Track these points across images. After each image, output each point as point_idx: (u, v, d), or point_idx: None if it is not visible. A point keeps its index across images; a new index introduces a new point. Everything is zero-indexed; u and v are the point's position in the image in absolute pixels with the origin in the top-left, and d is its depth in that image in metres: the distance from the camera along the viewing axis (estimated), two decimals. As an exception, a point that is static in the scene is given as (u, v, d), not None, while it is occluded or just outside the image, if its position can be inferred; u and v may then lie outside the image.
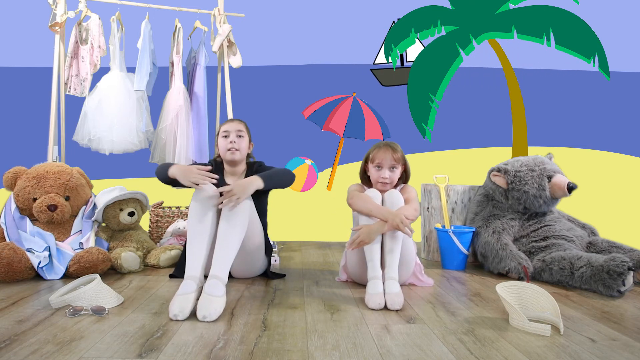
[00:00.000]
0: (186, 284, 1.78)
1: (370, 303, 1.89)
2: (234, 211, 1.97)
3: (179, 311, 1.68)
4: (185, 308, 1.69)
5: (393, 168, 2.26)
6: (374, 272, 1.99)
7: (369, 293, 1.94)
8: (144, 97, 3.43)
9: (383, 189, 2.26)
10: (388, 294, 1.91)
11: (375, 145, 2.33)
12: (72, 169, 2.74)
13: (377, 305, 1.88)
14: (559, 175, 2.73)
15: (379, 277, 1.98)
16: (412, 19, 5.67)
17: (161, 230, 3.23)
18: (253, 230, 2.18)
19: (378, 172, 2.26)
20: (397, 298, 1.90)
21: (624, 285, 2.14)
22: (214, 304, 1.70)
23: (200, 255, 1.88)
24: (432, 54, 5.58)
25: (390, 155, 2.24)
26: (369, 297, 1.92)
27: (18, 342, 1.43)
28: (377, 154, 2.26)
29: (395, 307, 1.88)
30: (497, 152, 5.96)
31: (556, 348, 1.47)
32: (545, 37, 5.21)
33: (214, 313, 1.68)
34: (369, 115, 3.81)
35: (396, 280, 1.98)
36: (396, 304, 1.88)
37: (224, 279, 1.82)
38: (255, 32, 5.72)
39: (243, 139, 2.40)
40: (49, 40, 3.44)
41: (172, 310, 1.69)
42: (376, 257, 2.02)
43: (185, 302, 1.71)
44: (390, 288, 1.93)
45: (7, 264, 2.19)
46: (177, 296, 1.73)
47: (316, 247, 3.59)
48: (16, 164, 2.68)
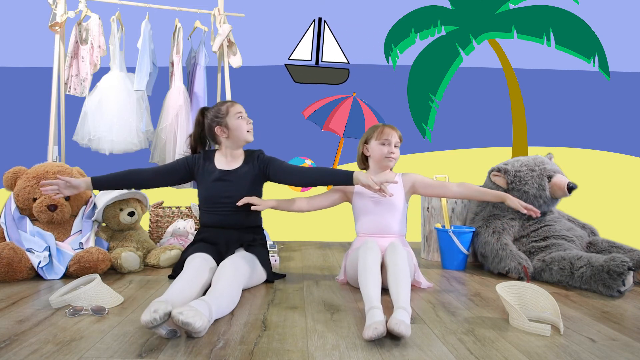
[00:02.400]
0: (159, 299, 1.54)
1: (370, 331, 1.48)
2: (237, 267, 1.93)
3: (154, 308, 1.43)
4: (160, 307, 1.44)
5: (396, 146, 2.34)
6: (370, 303, 1.65)
7: (365, 326, 1.54)
8: (144, 97, 3.43)
9: (388, 165, 2.34)
10: (396, 318, 1.52)
11: (375, 126, 2.39)
12: (72, 168, 2.74)
13: (373, 330, 1.47)
14: (559, 175, 2.73)
15: (378, 306, 1.62)
16: (412, 19, 5.67)
17: (161, 230, 3.23)
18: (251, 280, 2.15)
19: (386, 147, 2.31)
20: (404, 324, 1.50)
21: (624, 285, 2.14)
22: (194, 312, 1.45)
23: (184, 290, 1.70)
24: (432, 54, 5.58)
25: (396, 133, 2.33)
26: (365, 330, 1.51)
27: (18, 342, 1.43)
28: (383, 130, 2.33)
29: (400, 329, 1.47)
30: (497, 152, 5.96)
31: (556, 348, 1.47)
32: (545, 37, 5.22)
33: (191, 318, 1.42)
34: (369, 115, 3.81)
35: (408, 312, 1.60)
36: (402, 326, 1.48)
37: (212, 310, 1.57)
38: (255, 32, 5.72)
39: None
40: (49, 40, 3.44)
41: (147, 311, 1.43)
42: (371, 289, 1.72)
43: (161, 304, 1.45)
44: (397, 315, 1.55)
45: (7, 264, 2.19)
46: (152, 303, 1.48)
47: (316, 247, 3.58)
48: (16, 164, 2.68)
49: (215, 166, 2.35)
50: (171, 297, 1.62)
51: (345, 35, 5.94)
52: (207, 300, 1.59)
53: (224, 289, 1.76)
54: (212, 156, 2.39)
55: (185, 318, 1.42)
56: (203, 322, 1.46)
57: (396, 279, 1.78)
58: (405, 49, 5.66)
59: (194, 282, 1.81)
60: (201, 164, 2.36)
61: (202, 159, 2.38)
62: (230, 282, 1.81)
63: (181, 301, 1.64)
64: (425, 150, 5.95)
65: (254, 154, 2.40)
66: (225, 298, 1.72)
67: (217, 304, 1.63)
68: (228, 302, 1.74)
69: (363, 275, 1.80)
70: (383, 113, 3.96)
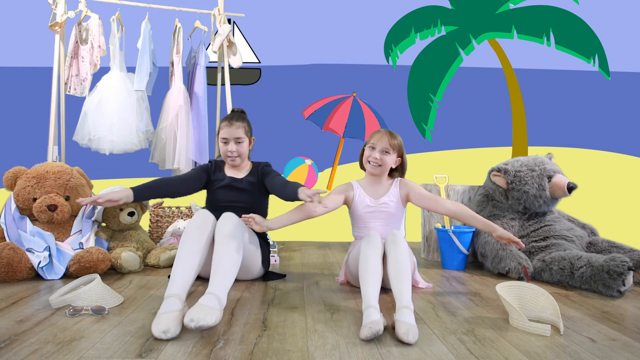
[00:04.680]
0: (170, 302, 1.58)
1: (366, 331, 1.50)
2: (232, 235, 1.88)
3: (165, 327, 1.47)
4: (172, 326, 1.49)
5: (386, 152, 2.25)
6: (367, 302, 1.66)
7: (362, 326, 1.56)
8: (144, 97, 3.43)
9: (372, 171, 2.29)
10: (400, 321, 1.54)
11: (376, 130, 2.36)
12: (72, 169, 2.73)
13: (368, 330, 1.48)
14: (559, 175, 2.73)
15: (375, 305, 1.63)
16: (412, 19, 5.67)
17: (161, 230, 3.23)
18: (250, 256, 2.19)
19: (370, 151, 2.28)
20: (412, 329, 1.50)
21: (624, 285, 2.14)
22: (205, 311, 1.50)
23: (189, 275, 1.73)
24: (432, 54, 5.59)
25: (387, 140, 2.25)
26: (361, 330, 1.53)
27: (18, 342, 1.43)
28: (373, 136, 2.29)
29: (409, 339, 1.47)
30: (497, 152, 5.96)
31: (556, 348, 1.47)
32: (545, 37, 5.22)
33: (202, 320, 1.46)
34: (369, 115, 3.81)
35: (411, 310, 1.61)
36: (410, 334, 1.48)
37: (221, 299, 1.62)
38: (255, 32, 5.72)
39: (242, 144, 2.38)
40: (49, 40, 3.44)
41: (158, 328, 1.48)
42: (370, 287, 1.73)
43: (172, 319, 1.52)
44: (403, 316, 1.56)
45: (7, 264, 2.19)
46: (161, 315, 1.54)
47: (316, 247, 3.59)
48: (16, 164, 2.67)
49: (225, 174, 2.45)
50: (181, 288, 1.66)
51: (346, 35, 5.94)
52: (214, 292, 1.62)
53: (225, 265, 1.77)
54: (222, 165, 2.51)
55: (197, 323, 1.46)
56: (214, 316, 1.51)
57: (398, 275, 1.77)
58: (405, 49, 5.67)
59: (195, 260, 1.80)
60: (213, 171, 2.48)
61: (214, 166, 2.49)
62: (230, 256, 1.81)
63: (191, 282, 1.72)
64: (425, 150, 5.95)
65: (260, 166, 2.48)
66: (228, 276, 1.74)
67: (223, 285, 1.68)
68: (232, 273, 1.76)
69: (363, 272, 1.80)
70: (383, 113, 3.96)
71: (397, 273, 1.78)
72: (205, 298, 1.59)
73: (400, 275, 1.77)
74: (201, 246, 1.84)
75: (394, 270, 1.80)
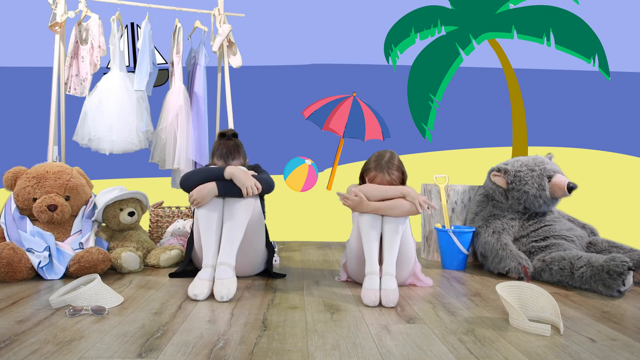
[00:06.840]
0: (205, 271, 2.04)
1: (366, 299, 1.92)
2: (238, 207, 2.16)
3: (199, 291, 1.95)
4: (204, 290, 1.96)
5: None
6: (371, 267, 2.01)
7: (365, 288, 1.96)
8: (144, 97, 3.43)
9: None
10: (384, 290, 1.93)
11: (374, 161, 2.24)
12: (72, 169, 2.74)
13: (372, 302, 1.90)
14: (559, 175, 2.73)
15: (376, 272, 2.00)
16: (412, 19, 5.67)
17: (161, 230, 3.23)
18: (255, 226, 2.30)
19: None
20: (392, 295, 1.92)
21: (624, 285, 2.14)
22: (226, 284, 1.96)
23: (214, 246, 2.10)
24: (432, 54, 5.58)
25: (387, 181, 2.20)
26: (365, 293, 1.94)
27: (18, 342, 1.43)
28: (375, 178, 2.21)
29: (389, 304, 1.90)
30: (497, 152, 5.96)
31: (556, 348, 1.47)
32: (545, 37, 5.21)
33: (229, 293, 1.94)
34: (369, 115, 3.81)
35: (393, 276, 2.00)
36: (390, 301, 1.90)
37: (231, 264, 2.04)
38: (255, 32, 5.72)
39: None
40: (49, 40, 3.44)
41: (193, 290, 1.96)
42: (374, 253, 2.04)
43: (204, 286, 1.98)
44: (386, 284, 1.95)
45: (7, 264, 2.19)
46: (198, 280, 2.00)
47: (316, 247, 3.59)
48: (16, 164, 2.68)
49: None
50: (212, 258, 2.09)
51: (346, 35, 5.94)
52: (225, 261, 2.04)
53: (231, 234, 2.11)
54: None
55: (228, 297, 1.94)
56: (233, 284, 1.99)
57: (390, 248, 2.05)
58: (405, 49, 5.66)
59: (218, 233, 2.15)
60: None
61: None
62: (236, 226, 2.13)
63: (218, 250, 2.12)
64: (425, 150, 5.95)
65: (251, 168, 2.50)
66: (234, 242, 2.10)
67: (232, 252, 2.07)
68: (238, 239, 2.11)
69: (366, 237, 2.07)
70: (383, 113, 3.96)
71: (389, 248, 2.06)
72: (221, 271, 2.00)
73: (392, 249, 2.05)
74: (215, 220, 2.14)
75: (387, 247, 2.06)
